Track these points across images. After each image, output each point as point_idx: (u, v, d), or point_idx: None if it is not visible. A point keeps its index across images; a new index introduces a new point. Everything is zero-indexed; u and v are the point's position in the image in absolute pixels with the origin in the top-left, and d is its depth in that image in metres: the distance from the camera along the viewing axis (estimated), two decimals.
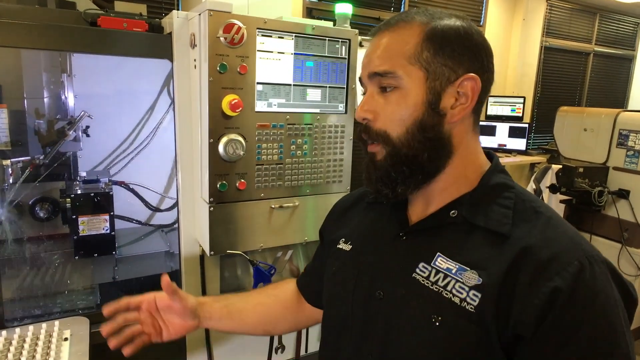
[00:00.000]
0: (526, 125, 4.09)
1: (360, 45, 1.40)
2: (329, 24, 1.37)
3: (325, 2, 3.32)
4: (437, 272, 0.66)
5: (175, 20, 1.25)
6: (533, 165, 4.14)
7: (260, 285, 1.36)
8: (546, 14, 4.62)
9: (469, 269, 0.63)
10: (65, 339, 1.08)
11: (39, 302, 1.31)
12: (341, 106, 1.39)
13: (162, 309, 0.90)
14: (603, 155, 2.52)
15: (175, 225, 1.57)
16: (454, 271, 0.64)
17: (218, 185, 1.21)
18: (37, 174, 1.45)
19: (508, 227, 0.64)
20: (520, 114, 4.23)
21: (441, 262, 0.66)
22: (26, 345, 1.03)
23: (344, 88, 1.38)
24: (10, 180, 1.40)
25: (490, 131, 4.13)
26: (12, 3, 1.26)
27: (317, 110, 1.35)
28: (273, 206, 1.32)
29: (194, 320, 0.91)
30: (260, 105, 1.24)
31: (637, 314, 0.69)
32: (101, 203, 1.36)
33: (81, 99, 1.57)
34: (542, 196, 2.61)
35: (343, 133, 1.41)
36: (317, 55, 1.31)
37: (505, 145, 4.11)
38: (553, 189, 2.51)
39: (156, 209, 1.74)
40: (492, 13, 4.34)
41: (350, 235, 0.83)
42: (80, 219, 1.34)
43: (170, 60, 1.28)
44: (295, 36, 1.26)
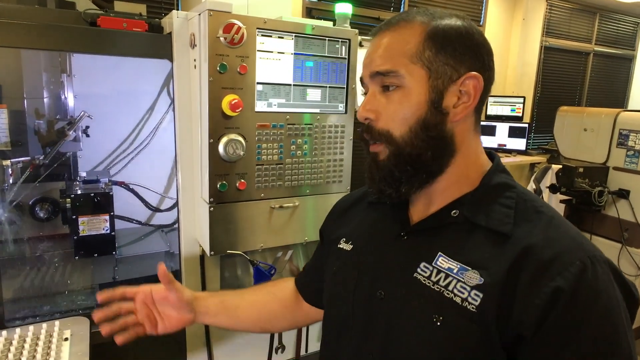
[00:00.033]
0: (526, 125, 4.09)
1: (360, 45, 1.40)
2: (328, 24, 1.37)
3: (325, 2, 3.32)
4: (439, 272, 0.65)
5: (175, 20, 1.25)
6: (533, 165, 4.14)
7: None
8: (546, 14, 4.62)
9: (470, 269, 0.63)
10: (66, 339, 1.08)
11: (40, 302, 1.31)
12: (341, 106, 1.39)
13: (158, 301, 0.91)
14: (603, 155, 2.52)
15: (175, 225, 1.57)
16: (455, 271, 0.64)
17: (218, 186, 1.21)
18: (37, 174, 1.45)
19: (510, 227, 0.64)
20: (520, 114, 4.23)
21: (442, 262, 0.66)
22: (26, 346, 1.03)
23: (344, 88, 1.38)
24: (11, 181, 1.40)
25: (490, 131, 4.13)
26: (12, 3, 1.26)
27: (317, 110, 1.35)
28: (273, 206, 1.32)
29: (189, 314, 0.91)
30: (260, 105, 1.24)
31: (639, 313, 0.70)
32: (101, 203, 1.37)
33: (81, 99, 1.57)
34: (542, 196, 2.61)
35: (343, 133, 1.41)
36: (317, 55, 1.31)
37: (505, 145, 4.11)
38: (553, 189, 2.51)
39: (156, 209, 1.74)
40: (492, 13, 4.34)
41: (351, 235, 0.82)
42: (80, 219, 1.34)
43: (170, 60, 1.28)
44: (295, 36, 1.26)
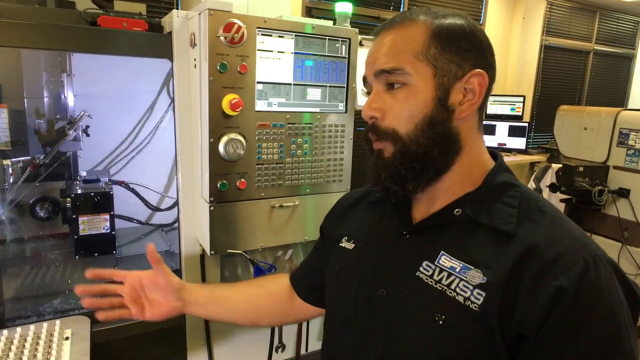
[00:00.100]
0: (526, 124, 4.09)
1: (361, 45, 1.40)
2: (329, 23, 1.37)
3: (325, 2, 3.32)
4: (441, 271, 0.65)
5: (175, 20, 1.24)
6: (533, 165, 4.14)
7: None
8: (546, 13, 4.62)
9: (473, 268, 0.63)
10: (67, 338, 1.08)
11: (40, 302, 1.30)
12: (341, 105, 1.39)
13: (147, 286, 0.91)
14: (603, 154, 2.51)
15: (175, 224, 1.57)
16: (458, 270, 0.64)
17: (218, 185, 1.21)
18: (38, 173, 1.45)
19: (513, 226, 0.64)
20: (520, 113, 4.23)
21: (445, 261, 0.66)
22: (27, 345, 1.03)
23: (344, 87, 1.38)
24: (11, 180, 1.40)
25: (490, 130, 4.13)
26: (12, 3, 1.26)
27: (317, 110, 1.35)
28: (273, 205, 1.32)
29: (177, 302, 0.92)
30: (261, 105, 1.24)
31: None
32: (101, 203, 1.37)
33: (81, 99, 1.57)
34: (542, 195, 2.61)
35: (343, 132, 1.41)
36: (317, 55, 1.31)
37: (505, 145, 4.11)
38: (553, 188, 2.51)
39: (156, 209, 1.74)
40: (492, 12, 4.34)
41: (353, 234, 0.82)
42: (81, 219, 1.35)
43: (170, 59, 1.28)
44: (296, 35, 1.26)
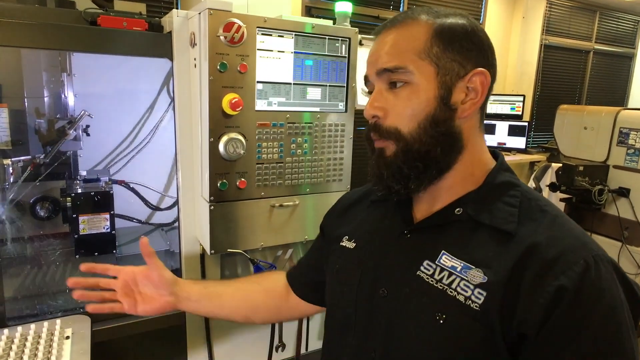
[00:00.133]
0: (526, 123, 4.09)
1: (360, 44, 1.40)
2: (328, 23, 1.37)
3: (325, 1, 3.32)
4: (442, 270, 0.65)
5: (175, 19, 1.25)
6: (533, 164, 4.14)
7: None
8: (546, 12, 4.62)
9: (474, 267, 0.63)
10: (67, 338, 1.08)
11: (41, 301, 1.31)
12: (341, 105, 1.39)
13: (141, 281, 0.92)
14: (603, 153, 2.51)
15: (176, 224, 1.57)
16: (458, 269, 0.64)
17: (218, 184, 1.22)
18: (38, 173, 1.45)
19: (514, 225, 0.64)
20: (519, 113, 4.23)
21: (446, 260, 0.66)
22: (28, 344, 1.04)
23: (344, 87, 1.38)
24: (11, 180, 1.40)
25: (490, 130, 4.13)
26: (12, 2, 1.26)
27: (317, 109, 1.35)
28: (273, 205, 1.32)
29: (170, 297, 0.92)
30: (261, 104, 1.25)
31: None
32: (101, 202, 1.37)
33: (81, 98, 1.57)
34: (542, 194, 2.61)
35: (343, 132, 1.41)
36: (317, 54, 1.31)
37: (504, 144, 4.11)
38: (553, 187, 2.51)
39: (156, 208, 1.74)
40: (492, 11, 4.34)
41: (354, 233, 0.82)
42: (81, 218, 1.35)
43: (170, 59, 1.28)
44: (295, 35, 1.26)
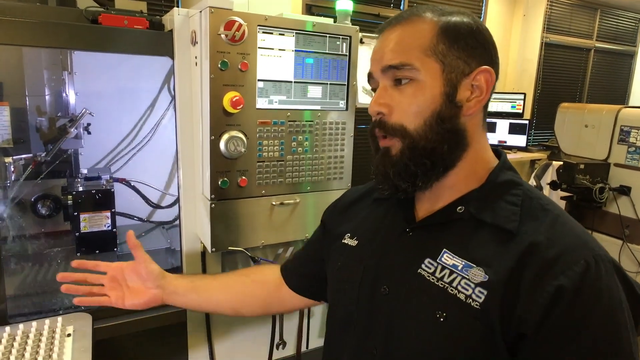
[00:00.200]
0: (526, 121, 4.09)
1: (361, 42, 1.40)
2: (329, 21, 1.37)
3: None
4: (443, 268, 0.66)
5: (176, 18, 1.25)
6: (533, 162, 4.14)
7: None
8: (547, 10, 4.61)
9: (475, 266, 0.63)
10: (68, 335, 1.09)
11: (42, 299, 1.31)
12: (342, 103, 1.39)
13: (128, 275, 0.94)
14: (604, 151, 2.51)
15: (176, 222, 1.57)
16: (460, 268, 0.64)
17: (219, 182, 1.22)
18: (39, 171, 1.45)
19: (515, 224, 0.64)
20: (520, 111, 4.23)
21: (447, 259, 0.66)
22: (29, 341, 1.04)
23: (344, 85, 1.38)
24: (12, 178, 1.41)
25: (490, 128, 4.13)
26: (13, 1, 1.26)
27: (318, 107, 1.35)
28: (274, 203, 1.32)
29: (157, 289, 0.94)
30: (261, 102, 1.25)
31: None
32: (102, 200, 1.37)
33: (82, 97, 1.57)
34: (543, 193, 2.61)
35: (344, 130, 1.41)
36: (318, 52, 1.31)
37: (505, 142, 4.11)
38: (554, 185, 2.51)
39: (157, 206, 1.74)
40: (493, 9, 4.33)
41: (356, 231, 0.83)
42: (82, 216, 1.35)
43: (171, 57, 1.28)
44: (296, 33, 1.26)
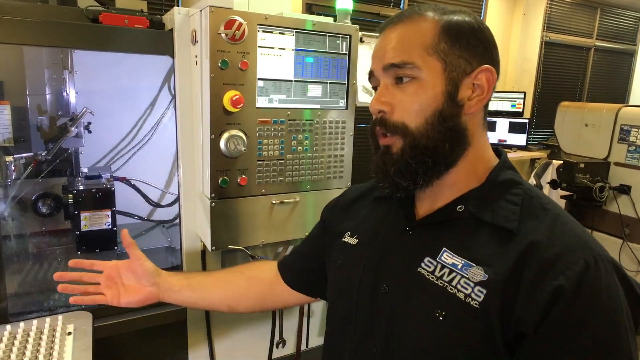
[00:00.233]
0: (526, 120, 4.09)
1: (361, 41, 1.41)
2: (329, 20, 1.37)
3: None
4: (443, 267, 0.66)
5: (176, 17, 1.25)
6: (533, 161, 4.14)
7: None
8: (547, 9, 4.60)
9: (474, 265, 0.63)
10: (69, 333, 1.09)
11: (43, 297, 1.31)
12: (342, 102, 1.39)
13: (124, 273, 0.95)
14: (604, 150, 2.51)
15: (176, 220, 1.58)
16: (459, 267, 0.64)
17: (219, 181, 1.22)
18: (40, 170, 1.46)
19: (515, 224, 0.64)
20: (520, 110, 4.23)
21: (447, 257, 0.66)
22: (30, 340, 1.04)
23: (344, 84, 1.38)
24: (13, 177, 1.41)
25: (490, 127, 4.13)
26: (14, 0, 1.27)
27: (318, 106, 1.35)
28: (274, 202, 1.32)
29: (152, 287, 0.95)
30: (261, 101, 1.25)
31: None
32: (103, 199, 1.37)
33: (83, 96, 1.58)
34: (542, 192, 2.61)
35: (344, 129, 1.41)
36: (318, 51, 1.31)
37: (505, 141, 4.11)
38: (554, 184, 2.51)
39: (157, 205, 1.75)
40: (493, 8, 4.33)
41: (357, 229, 0.83)
42: (82, 215, 1.35)
43: (172, 56, 1.28)
44: (296, 32, 1.26)
